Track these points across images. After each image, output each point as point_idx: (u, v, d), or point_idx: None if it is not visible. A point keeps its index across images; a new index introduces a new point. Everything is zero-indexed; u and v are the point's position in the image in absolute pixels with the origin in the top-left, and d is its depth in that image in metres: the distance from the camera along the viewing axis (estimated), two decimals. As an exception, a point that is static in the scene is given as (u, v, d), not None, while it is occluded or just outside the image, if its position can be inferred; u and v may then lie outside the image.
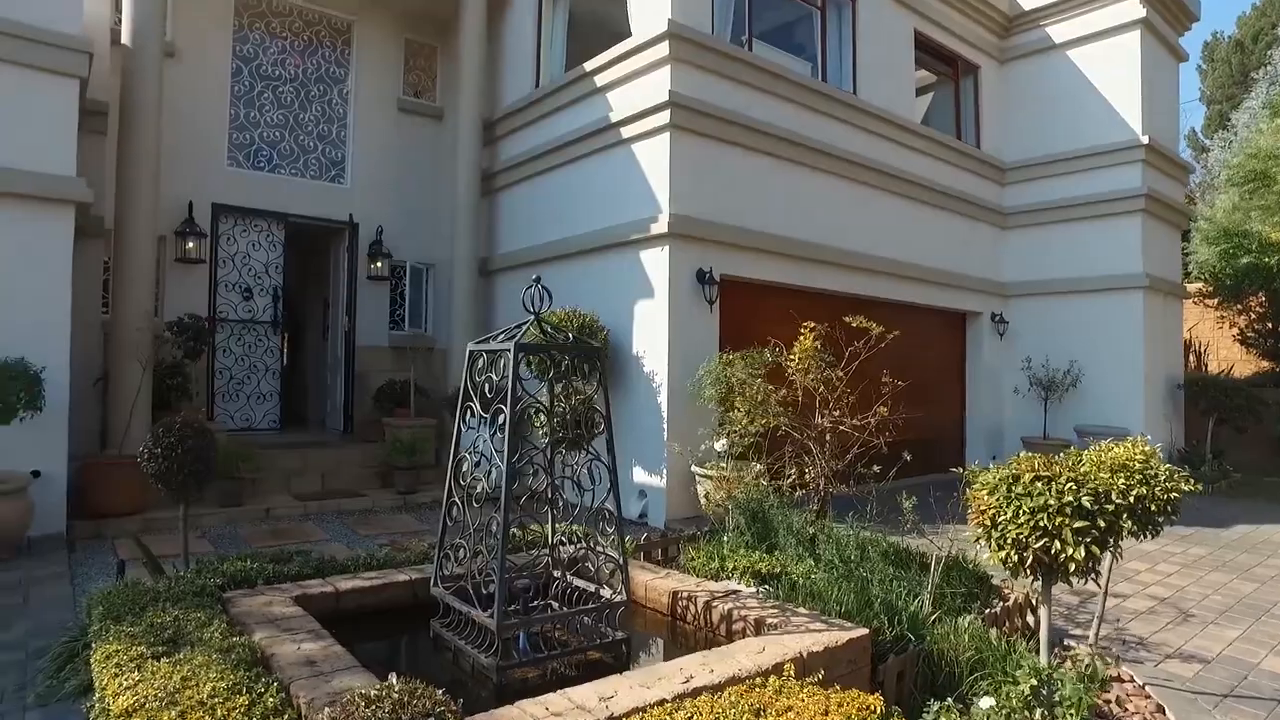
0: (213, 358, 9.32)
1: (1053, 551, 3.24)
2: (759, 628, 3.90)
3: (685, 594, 4.45)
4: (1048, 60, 11.89)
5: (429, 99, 11.42)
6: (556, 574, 4.20)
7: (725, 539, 5.23)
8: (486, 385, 3.65)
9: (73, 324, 6.91)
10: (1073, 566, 3.25)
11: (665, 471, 7.69)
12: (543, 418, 3.93)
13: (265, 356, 9.88)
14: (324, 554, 4.91)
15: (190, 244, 9.14)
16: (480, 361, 3.75)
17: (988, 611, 4.23)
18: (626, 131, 8.37)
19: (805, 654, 3.37)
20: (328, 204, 10.33)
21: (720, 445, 5.63)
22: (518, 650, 3.66)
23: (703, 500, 7.28)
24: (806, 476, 5.33)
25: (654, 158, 8.07)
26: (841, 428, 5.30)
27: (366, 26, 10.81)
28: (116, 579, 4.47)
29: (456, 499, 3.83)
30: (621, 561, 3.88)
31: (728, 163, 8.38)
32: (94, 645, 3.32)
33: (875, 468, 5.19)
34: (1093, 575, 3.39)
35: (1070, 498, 3.26)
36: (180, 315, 8.12)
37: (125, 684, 2.81)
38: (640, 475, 7.98)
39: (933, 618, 4.03)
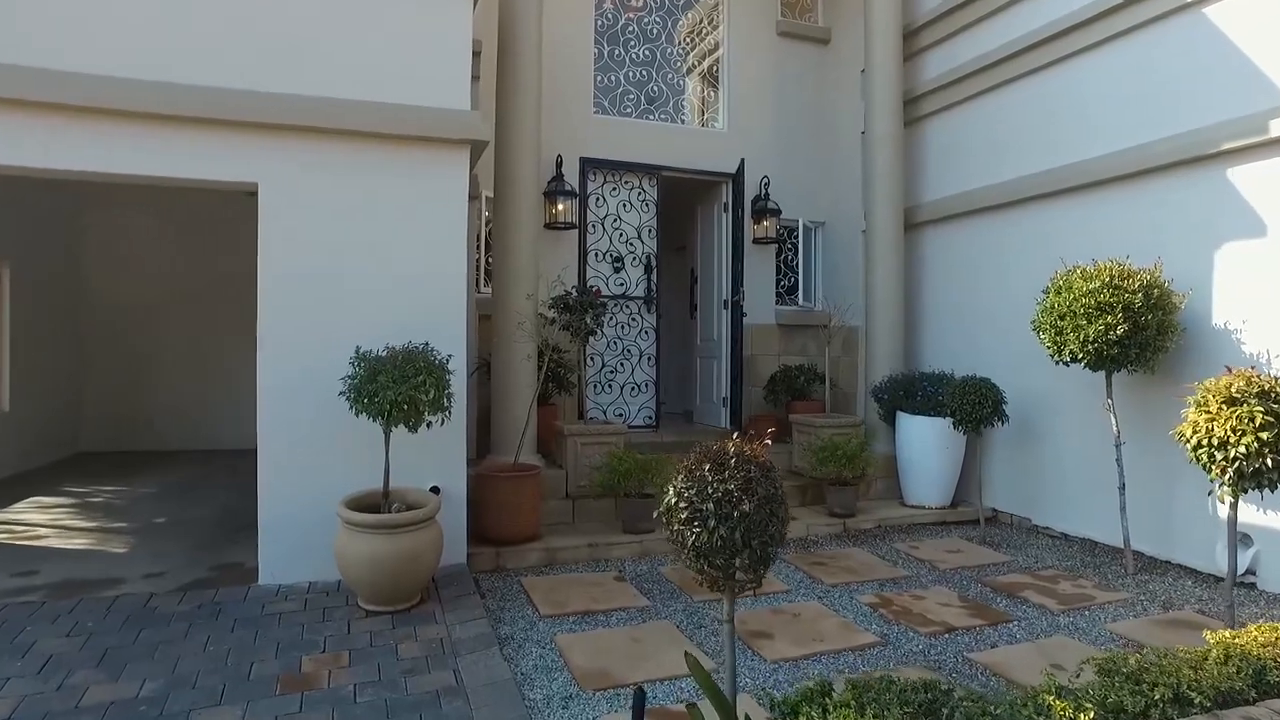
0: (584, 341, 7.84)
1: None
2: None
3: None
4: None
5: (810, 19, 9.22)
6: None
7: None
8: None
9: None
10: None
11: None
12: None
13: (639, 339, 8.25)
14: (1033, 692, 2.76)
15: (560, 206, 7.69)
16: None
17: None
18: (1185, -6, 5.53)
19: None
20: (703, 153, 8.46)
21: None
22: None
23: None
24: None
25: (1261, 19, 5.16)
26: None
27: (739, -65, 8.84)
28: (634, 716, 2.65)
29: None
30: None
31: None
32: None
33: None
34: None
35: None
36: (567, 289, 6.65)
37: None
38: (1225, 509, 5.15)
39: None
